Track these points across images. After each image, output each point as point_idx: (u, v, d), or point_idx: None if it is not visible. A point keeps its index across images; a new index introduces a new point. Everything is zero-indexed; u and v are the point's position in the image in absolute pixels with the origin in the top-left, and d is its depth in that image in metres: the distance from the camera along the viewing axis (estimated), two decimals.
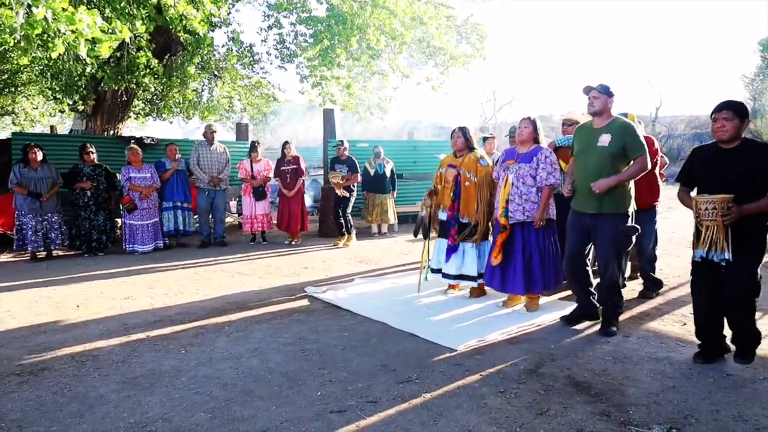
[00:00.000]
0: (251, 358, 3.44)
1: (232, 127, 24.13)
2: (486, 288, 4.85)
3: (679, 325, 4.05)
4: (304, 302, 4.87)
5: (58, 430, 2.54)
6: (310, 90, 9.64)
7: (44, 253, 7.20)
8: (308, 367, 3.28)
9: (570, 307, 4.29)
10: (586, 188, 3.75)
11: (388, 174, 8.99)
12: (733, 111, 3.01)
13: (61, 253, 7.44)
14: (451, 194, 4.73)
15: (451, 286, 5.02)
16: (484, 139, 7.57)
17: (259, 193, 8.19)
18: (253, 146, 8.36)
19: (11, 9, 3.91)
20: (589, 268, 4.02)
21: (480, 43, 10.13)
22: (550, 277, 4.27)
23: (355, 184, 8.27)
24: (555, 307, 4.47)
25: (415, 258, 6.66)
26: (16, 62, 6.38)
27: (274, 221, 8.62)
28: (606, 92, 3.74)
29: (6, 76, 9.48)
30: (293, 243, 8.26)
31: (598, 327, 3.92)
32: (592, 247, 4.05)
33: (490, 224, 4.68)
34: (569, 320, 4.05)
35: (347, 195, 8.06)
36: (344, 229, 8.08)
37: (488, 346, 3.62)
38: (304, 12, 9.08)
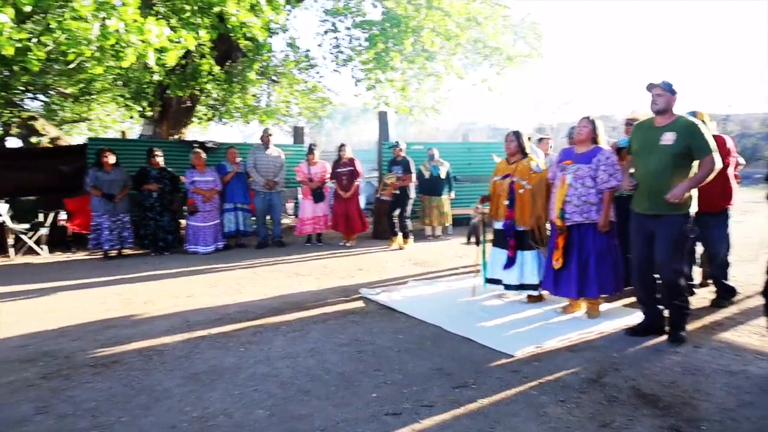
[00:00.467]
0: (308, 358, 3.49)
1: (288, 131, 24.73)
2: (544, 294, 4.72)
3: (757, 336, 3.78)
4: (359, 304, 4.90)
5: (128, 420, 2.67)
6: (365, 93, 9.73)
7: (116, 251, 7.61)
8: (364, 369, 3.29)
9: (634, 316, 4.10)
10: (646, 189, 3.59)
11: (443, 176, 8.93)
12: None
13: (130, 252, 7.84)
14: (506, 202, 4.63)
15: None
16: (540, 139, 7.39)
17: (318, 195, 8.33)
18: (310, 149, 8.51)
19: (88, 22, 4.16)
20: (657, 275, 3.82)
21: (537, 42, 9.90)
22: (608, 282, 4.09)
23: (413, 187, 8.24)
24: (618, 315, 4.28)
25: (471, 261, 6.57)
26: (91, 72, 6.79)
27: (330, 222, 8.74)
28: (669, 89, 3.56)
29: (82, 85, 10.10)
30: (348, 244, 8.35)
31: (665, 337, 3.72)
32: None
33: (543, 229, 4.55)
34: (635, 332, 3.86)
35: (392, 199, 8.04)
36: (398, 230, 8.08)
37: (547, 353, 3.51)
38: (359, 16, 9.17)
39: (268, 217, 8.49)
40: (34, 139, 11.69)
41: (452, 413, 2.67)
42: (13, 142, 12.96)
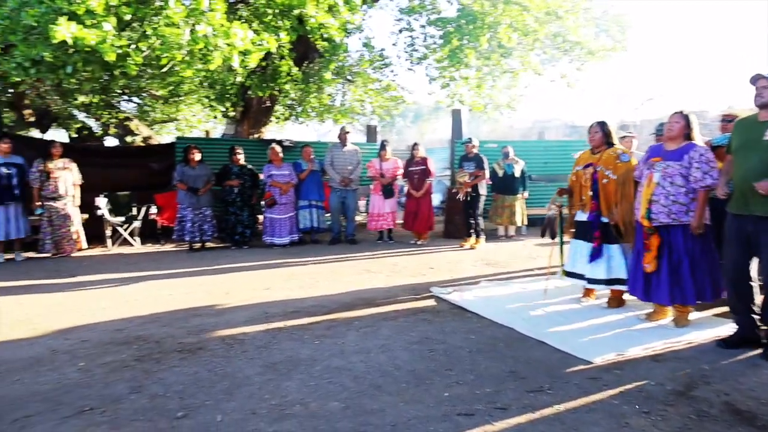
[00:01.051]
0: (379, 354, 3.53)
1: (360, 129, 25.09)
2: (625, 298, 4.50)
3: None
4: (430, 302, 4.90)
5: (212, 404, 2.82)
6: (439, 91, 9.69)
7: (199, 244, 8.06)
8: (435, 367, 3.29)
9: (726, 326, 3.82)
10: (747, 188, 3.32)
11: (517, 174, 8.73)
12: None
13: (212, 244, 8.27)
14: (590, 193, 4.46)
15: (585, 294, 4.73)
16: (623, 137, 7.03)
17: (388, 191, 8.40)
18: (383, 145, 8.60)
19: (180, 28, 4.44)
20: (753, 284, 3.54)
21: (621, 35, 9.42)
22: (704, 288, 3.82)
23: (485, 185, 8.12)
24: (708, 324, 4.01)
25: (545, 263, 6.38)
26: (181, 75, 7.23)
27: (399, 220, 8.80)
28: None
29: (171, 87, 10.75)
30: (419, 243, 8.35)
31: (761, 350, 3.44)
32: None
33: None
34: (727, 344, 3.58)
35: (465, 198, 7.94)
36: (472, 231, 7.99)
37: (629, 362, 3.34)
38: (434, 13, 9.13)
39: (341, 215, 8.66)
40: (129, 139, 12.61)
41: (527, 417, 2.61)
42: (110, 141, 14.05)
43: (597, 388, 2.94)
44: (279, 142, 9.40)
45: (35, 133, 13.76)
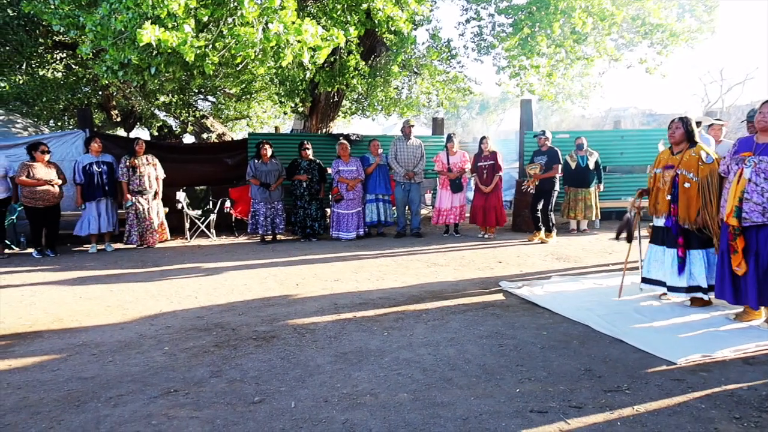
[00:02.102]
0: (448, 347, 3.51)
1: (425, 122, 24.97)
2: (711, 297, 4.22)
3: None
4: (499, 296, 4.81)
5: (285, 390, 2.91)
6: (508, 81, 9.45)
7: (270, 236, 8.34)
8: (505, 363, 3.23)
9: None
10: None
11: (591, 166, 8.39)
12: None
13: (282, 237, 8.53)
14: (668, 197, 4.20)
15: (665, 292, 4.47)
16: (710, 125, 6.56)
17: (456, 185, 8.32)
18: (449, 138, 8.51)
19: (253, 27, 4.59)
20: None
21: (708, 15, 8.78)
22: None
23: (558, 179, 7.86)
24: None
25: (621, 258, 6.10)
26: (253, 73, 7.50)
27: (467, 214, 8.69)
28: None
29: (244, 85, 11.17)
30: (486, 236, 8.23)
31: None
32: None
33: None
34: None
35: (534, 191, 7.70)
36: (541, 224, 7.76)
37: (716, 364, 3.14)
38: (504, 1, 8.91)
39: (407, 208, 8.67)
40: (204, 136, 13.24)
41: (604, 417, 2.51)
42: (188, 139, 14.82)
43: (681, 390, 2.78)
44: (347, 137, 9.54)
45: (121, 132, 14.76)
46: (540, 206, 7.76)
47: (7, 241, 7.58)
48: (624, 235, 4.63)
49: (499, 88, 9.93)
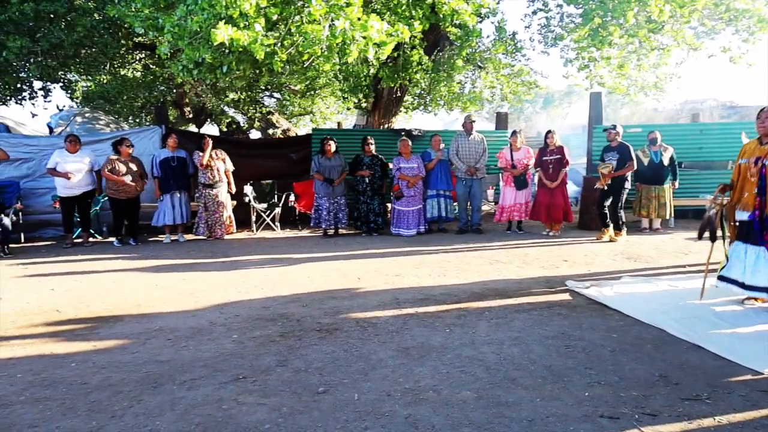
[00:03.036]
0: (512, 346, 3.44)
1: (487, 117, 24.55)
2: None
3: None
4: (566, 296, 4.66)
5: (349, 383, 2.95)
6: (576, 73, 9.10)
7: (333, 230, 8.48)
8: (573, 365, 3.12)
9: None
10: None
11: (666, 162, 7.95)
12: None
13: (344, 231, 8.65)
14: (755, 190, 3.91)
15: (750, 297, 4.18)
16: None
17: (521, 182, 8.13)
18: (514, 134, 8.32)
19: (320, 24, 4.67)
20: None
21: None
22: None
23: (629, 175, 7.52)
24: None
25: (699, 259, 5.76)
26: (317, 69, 7.64)
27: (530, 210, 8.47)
28: None
29: (308, 82, 11.40)
30: (551, 234, 7.99)
31: None
32: None
33: None
34: None
35: (609, 184, 7.38)
36: (611, 223, 7.45)
37: None
38: None
39: (468, 204, 8.56)
40: (270, 131, 13.63)
41: (681, 426, 2.38)
42: (254, 134, 15.31)
43: None
44: (408, 132, 9.53)
45: (192, 128, 15.45)
46: (608, 203, 7.45)
47: (91, 231, 8.13)
48: (707, 234, 4.35)
49: (565, 82, 9.61)
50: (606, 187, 7.36)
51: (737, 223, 4.19)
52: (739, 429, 2.36)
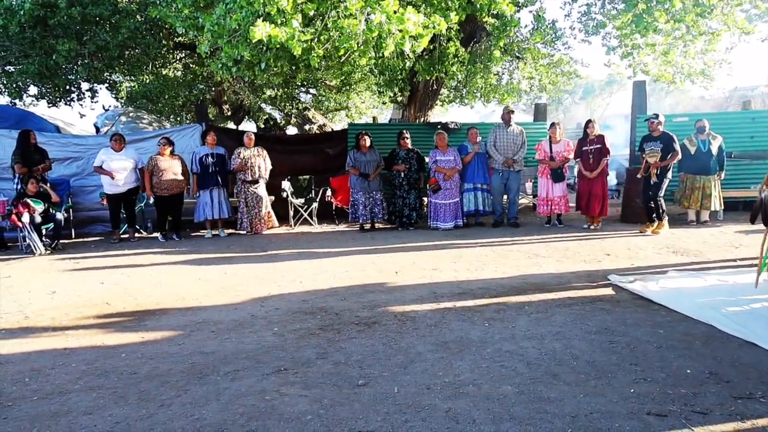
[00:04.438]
0: (553, 341, 3.38)
1: (524, 108, 24.11)
2: None
3: None
4: (608, 291, 4.55)
5: (388, 376, 2.96)
6: (619, 62, 8.83)
7: (369, 225, 8.51)
8: (617, 361, 3.05)
9: None
10: None
11: (714, 152, 7.64)
12: None
13: (381, 225, 8.67)
14: None
15: None
16: None
17: (558, 175, 7.97)
18: (553, 125, 8.15)
19: (356, 18, 4.68)
20: None
21: None
22: None
23: (672, 165, 7.26)
24: None
25: (750, 252, 5.53)
26: (353, 64, 7.66)
27: (572, 204, 8.30)
28: None
29: (344, 77, 11.47)
30: (592, 227, 7.80)
31: None
32: None
33: None
34: None
35: (648, 178, 7.15)
36: (655, 215, 7.22)
37: None
38: None
39: (504, 197, 8.44)
40: (306, 127, 13.77)
41: (734, 426, 2.29)
42: (291, 130, 15.50)
43: None
44: (445, 125, 9.45)
45: (231, 125, 15.76)
46: (651, 195, 7.21)
47: (137, 226, 8.41)
48: (762, 217, 4.15)
49: (606, 71, 9.38)
50: (656, 178, 7.10)
51: None
52: None
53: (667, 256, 5.88)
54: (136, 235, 8.31)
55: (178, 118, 14.81)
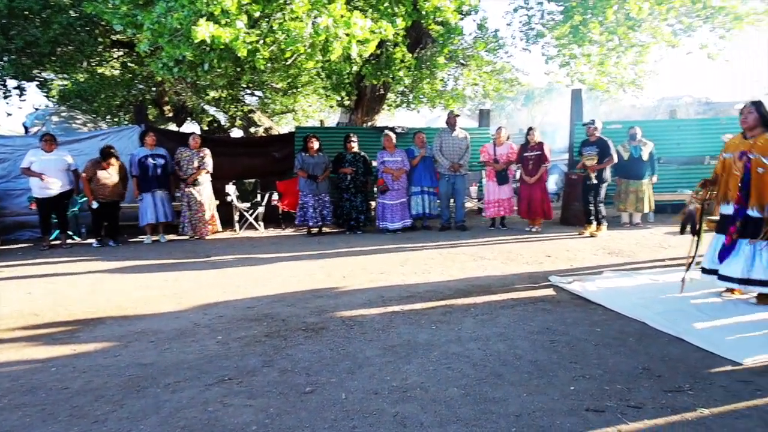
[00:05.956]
0: (498, 342, 3.46)
1: (469, 114, 24.64)
2: None
3: None
4: (549, 291, 4.71)
5: (336, 382, 2.94)
6: (557, 71, 9.19)
7: (317, 228, 8.44)
8: (558, 359, 3.15)
9: None
10: None
11: (645, 157, 8.07)
12: None
13: (328, 229, 8.62)
14: (738, 184, 3.99)
15: (729, 289, 4.27)
16: None
17: (502, 177, 8.19)
18: (498, 129, 8.39)
19: (302, 21, 4.63)
20: None
21: None
22: None
23: (609, 170, 7.62)
24: None
25: (678, 253, 5.87)
26: (300, 67, 7.59)
27: (515, 207, 8.54)
28: None
29: (290, 80, 11.32)
30: (534, 230, 8.06)
31: None
32: None
33: None
34: None
35: (587, 182, 7.48)
36: (594, 218, 7.54)
37: None
38: None
39: (451, 201, 8.60)
40: (252, 130, 13.50)
41: (666, 419, 2.41)
42: (236, 133, 15.16)
43: (749, 393, 2.64)
44: (392, 129, 9.52)
45: (172, 127, 15.23)
46: (589, 198, 7.54)
47: (69, 232, 7.98)
48: (689, 228, 4.43)
49: (546, 79, 9.70)
50: (594, 179, 7.42)
51: (719, 217, 4.27)
52: (720, 419, 2.40)
53: (603, 257, 6.15)
54: (69, 241, 7.89)
55: (116, 119, 14.15)
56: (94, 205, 7.48)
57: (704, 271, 4.32)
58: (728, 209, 4.12)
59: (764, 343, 3.26)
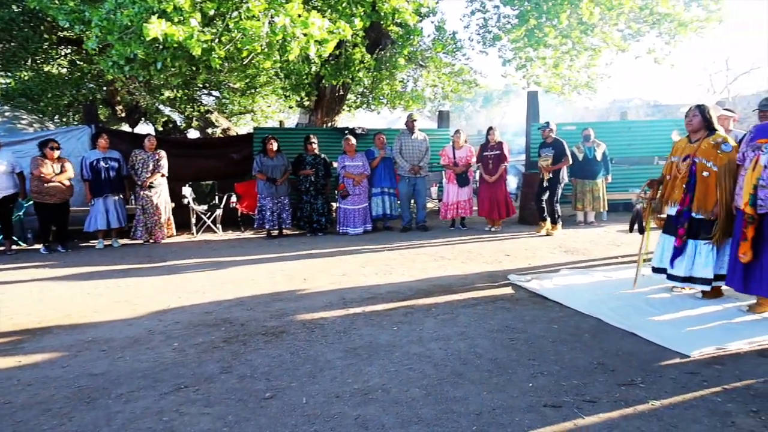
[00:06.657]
0: (459, 341, 3.49)
1: (428, 115, 24.87)
2: (724, 289, 4.19)
3: None
4: (508, 290, 4.79)
5: (297, 386, 2.90)
6: (514, 73, 9.38)
7: (277, 231, 8.32)
8: (517, 357, 3.21)
9: None
10: None
11: (599, 157, 8.34)
12: None
13: (289, 232, 8.52)
14: (684, 186, 4.15)
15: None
16: (719, 116, 6.49)
17: (463, 179, 8.29)
18: (457, 132, 8.48)
19: (259, 20, 4.55)
20: None
21: (715, 4, 8.68)
22: None
23: (565, 170, 7.83)
24: None
25: (630, 250, 6.07)
26: (259, 67, 7.46)
27: (475, 207, 8.66)
28: None
29: (248, 80, 11.13)
30: (493, 229, 8.19)
31: None
32: None
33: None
34: None
35: (549, 178, 7.67)
36: (548, 217, 7.72)
37: (730, 356, 3.11)
38: None
39: (412, 202, 8.64)
40: (209, 131, 13.21)
41: (620, 412, 2.48)
42: (193, 134, 14.79)
43: (696, 384, 2.75)
44: (352, 131, 9.49)
45: (126, 128, 14.73)
46: (545, 197, 7.72)
47: (14, 238, 7.60)
48: (637, 226, 4.59)
49: (503, 81, 9.88)
50: (547, 181, 7.61)
51: (666, 216, 4.44)
52: (671, 410, 2.49)
53: (560, 256, 6.30)
54: (14, 247, 7.51)
55: (64, 119, 13.58)
56: (27, 201, 7.16)
57: (654, 270, 4.48)
58: (673, 210, 4.29)
59: (710, 335, 3.41)
